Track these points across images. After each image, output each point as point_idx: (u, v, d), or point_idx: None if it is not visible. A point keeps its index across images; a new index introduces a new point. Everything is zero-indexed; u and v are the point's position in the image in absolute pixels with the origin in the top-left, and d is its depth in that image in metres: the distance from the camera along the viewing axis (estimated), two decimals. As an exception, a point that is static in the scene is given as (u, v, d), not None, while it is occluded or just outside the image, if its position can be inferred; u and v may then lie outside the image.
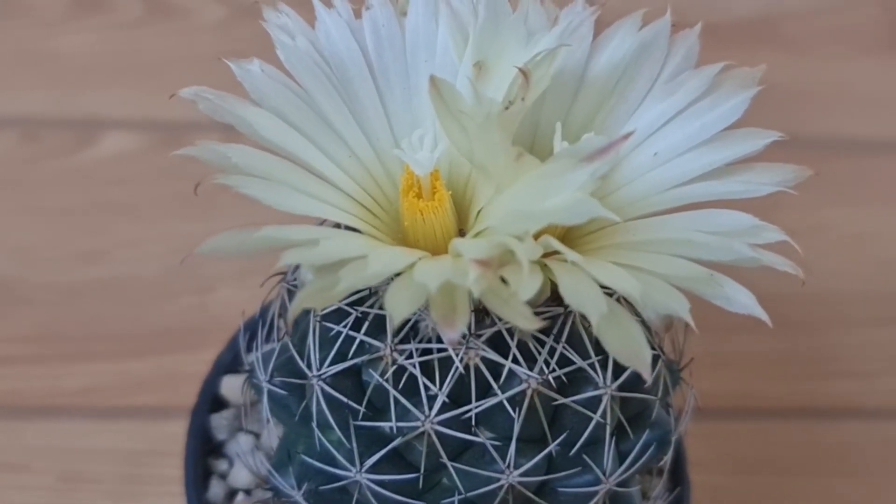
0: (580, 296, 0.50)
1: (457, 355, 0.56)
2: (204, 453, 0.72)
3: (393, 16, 0.57)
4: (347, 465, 0.58)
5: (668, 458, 0.62)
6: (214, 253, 0.52)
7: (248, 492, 0.70)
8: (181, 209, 1.06)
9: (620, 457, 0.60)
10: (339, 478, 0.59)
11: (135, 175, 1.08)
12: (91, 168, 1.08)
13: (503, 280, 0.50)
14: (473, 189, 0.56)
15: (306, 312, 0.60)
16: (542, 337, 0.57)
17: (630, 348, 0.51)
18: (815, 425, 1.01)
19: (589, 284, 0.50)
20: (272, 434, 0.65)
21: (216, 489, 0.71)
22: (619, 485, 0.60)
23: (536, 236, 0.52)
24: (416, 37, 0.57)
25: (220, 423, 0.73)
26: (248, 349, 0.66)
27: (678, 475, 0.73)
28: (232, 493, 0.71)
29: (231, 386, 0.74)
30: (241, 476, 0.71)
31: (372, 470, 0.58)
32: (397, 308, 0.48)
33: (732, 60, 0.60)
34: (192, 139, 1.13)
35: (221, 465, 0.73)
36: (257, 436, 0.70)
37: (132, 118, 1.11)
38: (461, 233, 0.57)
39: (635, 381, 0.60)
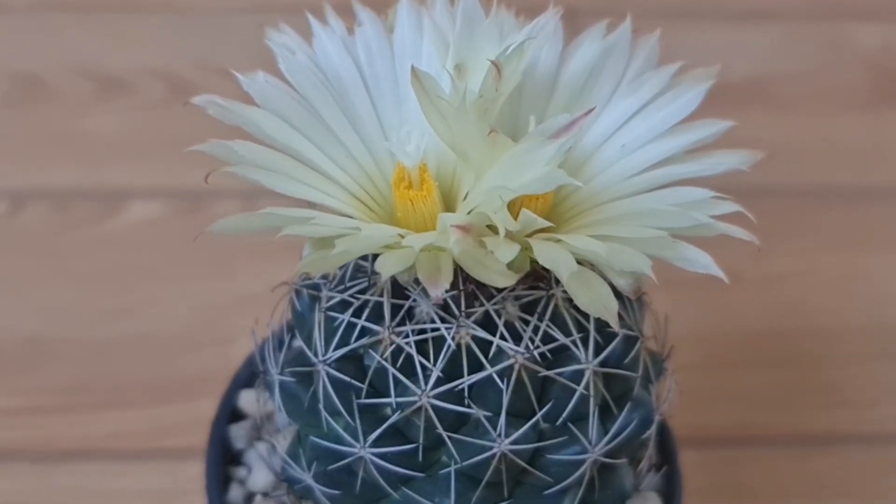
0: (552, 257, 0.55)
1: (449, 334, 0.62)
2: (224, 461, 0.77)
3: (382, 31, 0.64)
4: (353, 441, 0.63)
5: (651, 433, 0.67)
6: (225, 231, 0.58)
7: (265, 494, 0.75)
8: (202, 270, 1.12)
9: (606, 432, 0.65)
10: (345, 455, 0.64)
11: (159, 240, 1.15)
12: (117, 235, 1.15)
13: (482, 245, 0.55)
14: (459, 180, 0.62)
15: (312, 309, 0.66)
16: (527, 317, 0.63)
17: (598, 301, 0.57)
18: (813, 452, 1.04)
19: (560, 248, 0.56)
20: (286, 436, 0.70)
21: (235, 493, 0.76)
22: (607, 457, 0.65)
23: (516, 213, 0.57)
24: (404, 49, 0.64)
25: (238, 433, 0.78)
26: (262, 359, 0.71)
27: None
28: (250, 496, 0.76)
29: (248, 399, 0.79)
30: (259, 480, 0.76)
31: (375, 445, 0.63)
32: (386, 266, 0.54)
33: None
34: (213, 206, 1.21)
35: (241, 472, 0.77)
36: (273, 446, 0.75)
37: (156, 188, 1.18)
38: (449, 219, 0.63)
39: (617, 359, 0.65)
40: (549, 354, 0.63)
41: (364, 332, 0.63)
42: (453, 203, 0.63)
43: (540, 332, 0.63)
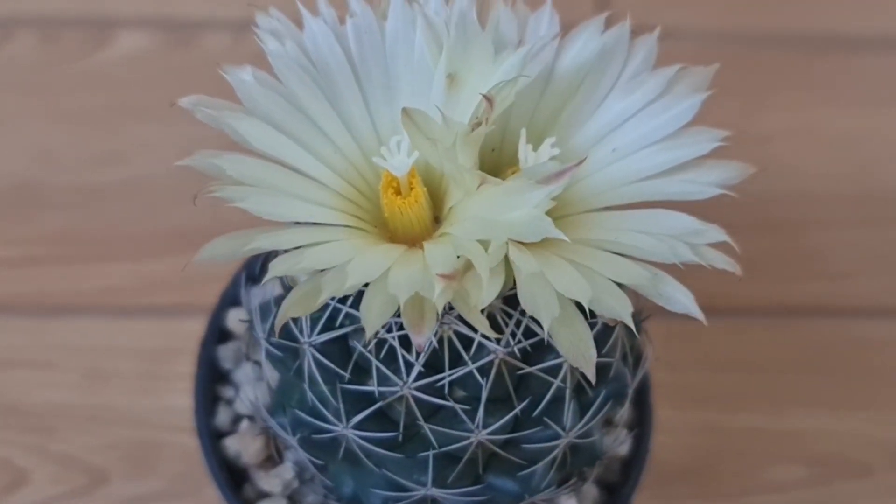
0: (535, 302, 0.56)
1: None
2: (212, 381, 0.80)
3: (374, 23, 0.62)
4: (335, 420, 0.66)
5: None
6: (211, 261, 0.58)
7: (251, 418, 0.78)
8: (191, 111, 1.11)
9: (581, 409, 0.67)
10: (327, 430, 0.66)
11: (148, 76, 1.14)
12: (106, 70, 1.13)
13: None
14: (447, 185, 0.62)
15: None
16: (510, 310, 0.64)
17: (578, 348, 0.58)
18: (787, 324, 1.06)
19: (544, 288, 0.56)
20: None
21: (223, 416, 0.79)
22: (580, 437, 0.67)
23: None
24: (396, 42, 0.62)
25: (226, 353, 0.81)
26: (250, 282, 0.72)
27: (643, 406, 0.80)
28: (237, 419, 0.79)
29: (236, 318, 0.81)
30: (245, 402, 0.78)
31: (357, 426, 0.65)
32: (370, 320, 0.55)
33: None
34: (203, 38, 1.19)
35: (228, 391, 0.80)
36: (260, 364, 0.77)
37: (145, 17, 1.15)
38: (437, 220, 0.63)
39: (597, 347, 0.66)
40: (529, 348, 0.64)
41: (349, 318, 0.64)
42: (440, 200, 0.63)
43: (522, 326, 0.64)
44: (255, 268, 0.75)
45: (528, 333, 0.64)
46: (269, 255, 0.62)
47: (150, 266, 1.04)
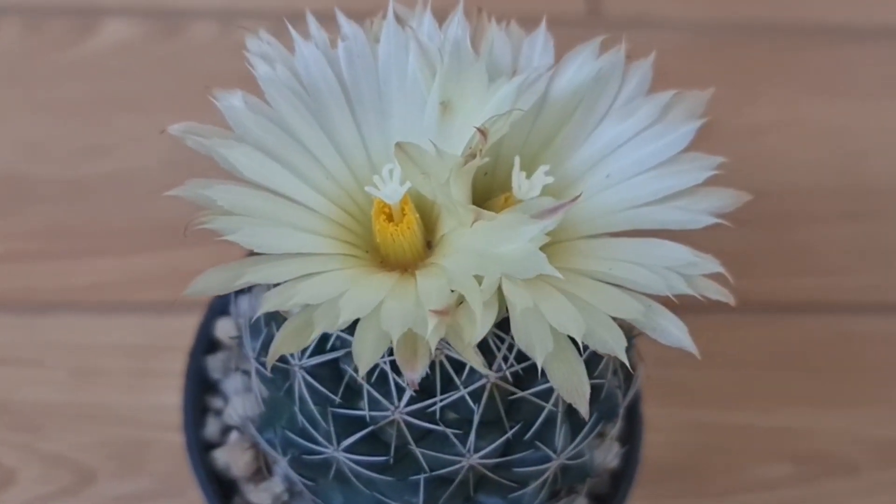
0: (529, 339, 0.56)
1: (424, 353, 0.62)
2: (201, 392, 0.79)
3: (367, 46, 0.61)
4: (325, 442, 0.65)
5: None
6: (201, 294, 0.58)
7: (241, 429, 0.78)
8: (181, 101, 1.10)
9: (573, 431, 0.67)
10: (318, 452, 0.66)
11: (135, 67, 1.13)
12: (92, 60, 1.12)
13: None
14: (440, 210, 0.61)
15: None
16: (502, 334, 0.63)
17: (571, 383, 0.58)
18: (775, 321, 1.06)
19: (538, 323, 0.56)
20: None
21: (212, 427, 0.79)
22: (571, 458, 0.67)
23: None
24: (389, 66, 0.62)
25: (215, 364, 0.80)
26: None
27: (633, 418, 0.80)
28: (226, 430, 0.79)
29: (225, 328, 0.80)
30: (235, 413, 0.78)
31: (348, 449, 0.65)
32: (363, 358, 0.55)
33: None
34: (190, 27, 1.17)
35: (217, 402, 0.80)
36: (249, 374, 0.77)
37: (131, 5, 1.14)
38: (429, 244, 0.63)
39: (588, 369, 0.66)
40: (521, 372, 0.64)
41: (340, 340, 0.64)
42: (432, 224, 0.62)
43: (514, 350, 0.64)
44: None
45: (521, 357, 0.64)
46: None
47: (138, 261, 1.04)
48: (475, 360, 0.56)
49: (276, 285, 0.57)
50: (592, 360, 0.66)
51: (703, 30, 1.20)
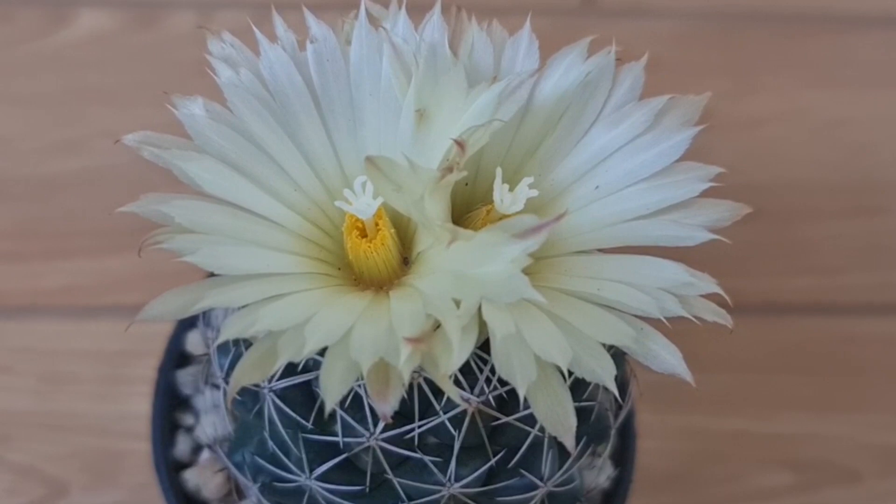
0: (511, 366, 0.52)
1: (401, 377, 0.58)
2: (171, 408, 0.75)
3: (337, 49, 0.57)
4: (297, 470, 0.61)
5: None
6: (158, 319, 0.54)
7: (211, 447, 0.74)
8: (155, 95, 1.06)
9: (561, 456, 0.63)
10: (289, 480, 0.62)
11: (109, 59, 1.08)
12: (65, 52, 1.08)
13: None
14: (416, 225, 0.57)
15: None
16: (484, 355, 0.59)
17: (556, 415, 0.54)
18: (774, 322, 1.02)
19: (520, 350, 0.52)
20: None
21: (182, 445, 0.75)
22: (559, 485, 0.63)
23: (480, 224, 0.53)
24: (361, 70, 0.57)
25: (185, 378, 0.76)
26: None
27: (626, 435, 0.76)
28: (197, 448, 0.75)
29: (195, 341, 0.76)
30: (206, 431, 0.74)
31: (321, 477, 0.61)
32: (330, 390, 0.50)
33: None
34: (167, 18, 1.13)
35: (188, 419, 0.76)
36: (219, 388, 0.73)
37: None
38: (405, 260, 0.58)
39: (575, 392, 0.62)
40: (504, 395, 0.60)
41: (313, 361, 0.60)
42: (408, 240, 0.58)
43: (497, 373, 0.59)
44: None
45: (504, 380, 0.60)
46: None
47: (112, 262, 1.00)
48: (452, 391, 0.52)
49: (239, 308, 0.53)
50: (581, 382, 0.62)
51: (701, 18, 1.16)
